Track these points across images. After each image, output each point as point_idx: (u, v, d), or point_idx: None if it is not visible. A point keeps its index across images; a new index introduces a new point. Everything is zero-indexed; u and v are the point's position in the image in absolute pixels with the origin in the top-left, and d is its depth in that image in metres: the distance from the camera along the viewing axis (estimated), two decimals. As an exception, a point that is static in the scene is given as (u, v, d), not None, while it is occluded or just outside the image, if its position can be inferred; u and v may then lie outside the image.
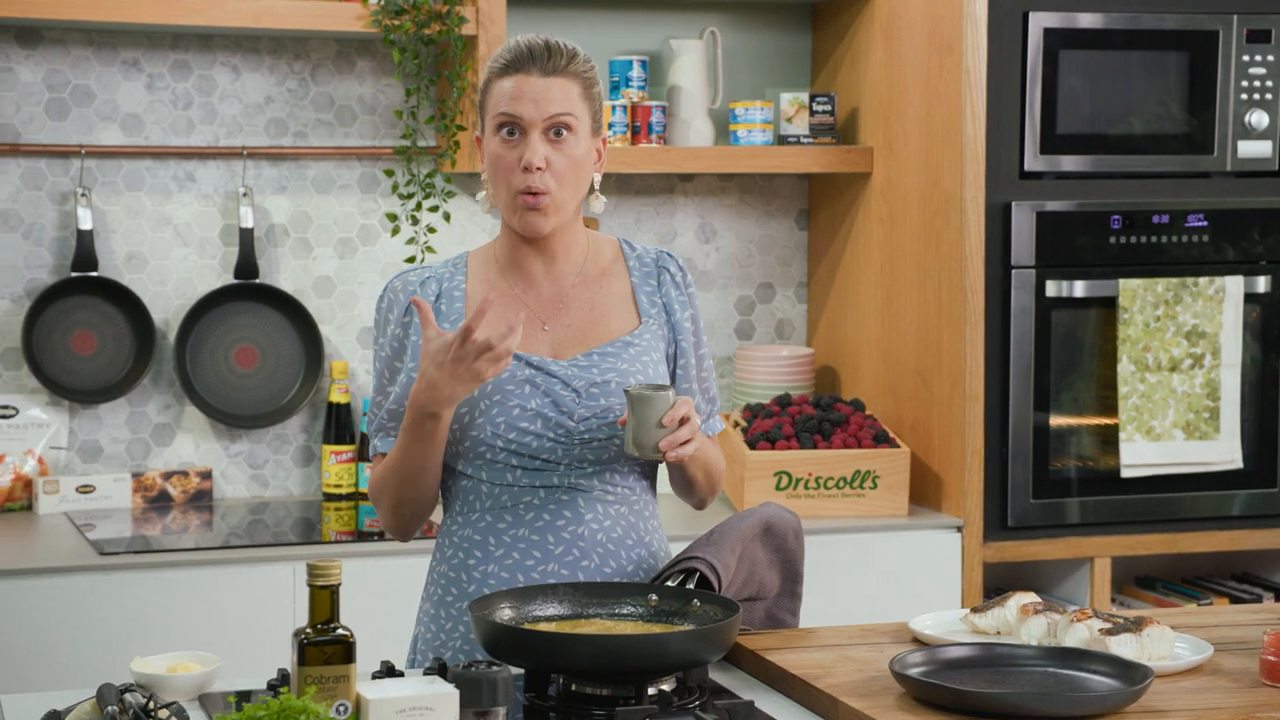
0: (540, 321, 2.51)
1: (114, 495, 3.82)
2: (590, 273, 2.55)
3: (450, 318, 2.50)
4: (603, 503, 2.47)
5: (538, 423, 2.43)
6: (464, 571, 2.48)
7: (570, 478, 2.46)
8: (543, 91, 2.43)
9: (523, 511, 2.46)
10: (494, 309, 2.39)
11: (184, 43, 3.90)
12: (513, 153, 2.43)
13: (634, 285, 2.56)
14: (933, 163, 3.84)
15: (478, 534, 2.48)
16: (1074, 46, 3.79)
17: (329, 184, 4.01)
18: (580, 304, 2.53)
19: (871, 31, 4.07)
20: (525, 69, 2.44)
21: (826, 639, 2.42)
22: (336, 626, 1.84)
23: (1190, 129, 3.89)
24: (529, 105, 2.42)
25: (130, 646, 3.16)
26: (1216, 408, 3.86)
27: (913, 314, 3.93)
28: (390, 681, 1.86)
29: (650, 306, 2.55)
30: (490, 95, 2.47)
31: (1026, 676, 2.18)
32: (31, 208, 3.83)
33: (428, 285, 2.52)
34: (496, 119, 2.44)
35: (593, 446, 2.46)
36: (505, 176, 2.43)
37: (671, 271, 2.58)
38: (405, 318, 2.50)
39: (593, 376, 2.46)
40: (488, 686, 1.86)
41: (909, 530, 3.78)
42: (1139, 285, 3.81)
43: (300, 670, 1.80)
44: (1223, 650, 2.34)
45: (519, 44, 2.47)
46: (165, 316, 3.91)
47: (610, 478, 2.48)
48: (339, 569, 1.84)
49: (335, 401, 3.96)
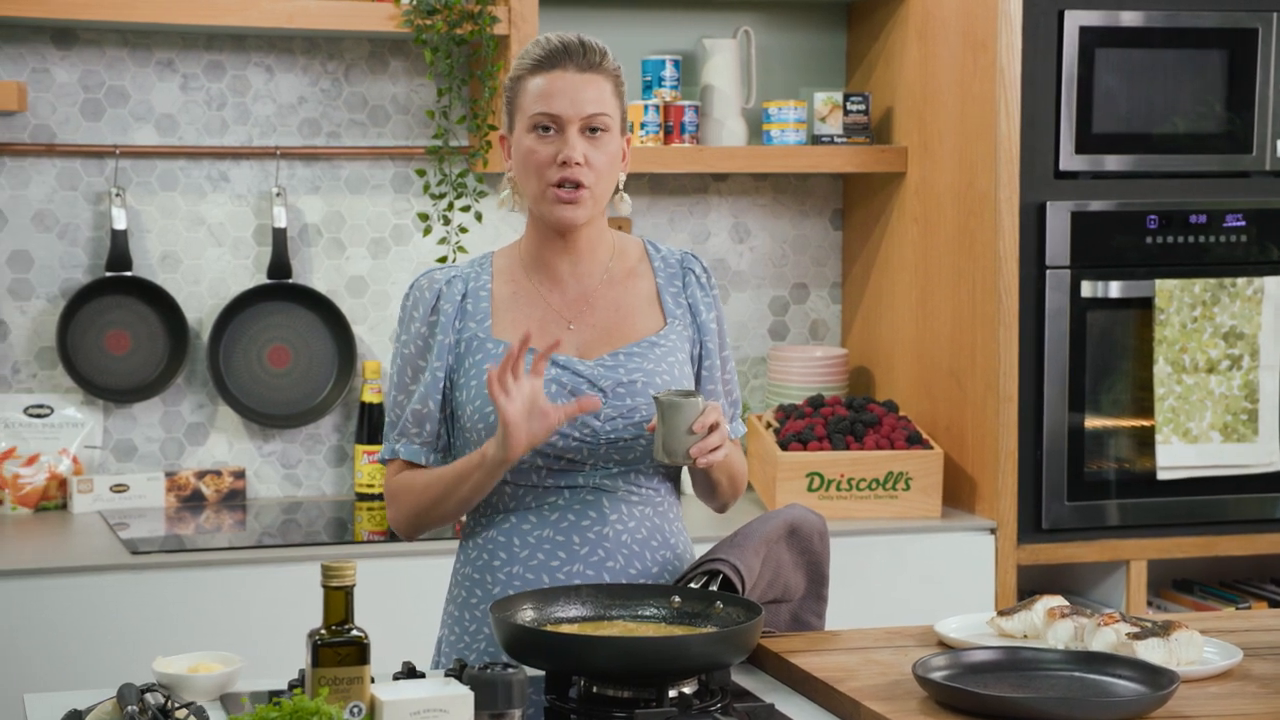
0: (565, 321, 2.51)
1: (148, 494, 3.83)
2: (616, 273, 2.54)
3: (476, 317, 2.50)
4: (627, 503, 2.47)
5: (564, 423, 2.42)
6: (489, 573, 2.48)
7: (595, 478, 2.46)
8: (580, 89, 2.43)
9: (548, 512, 2.46)
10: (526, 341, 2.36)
11: (218, 43, 3.91)
12: (548, 148, 2.42)
13: (659, 286, 2.56)
14: (967, 162, 3.82)
15: (502, 535, 2.48)
16: (1110, 45, 3.76)
17: (362, 184, 4.02)
18: (606, 304, 2.52)
19: (906, 31, 4.04)
20: (561, 65, 2.44)
21: (851, 642, 2.41)
22: (351, 628, 1.84)
23: (1229, 128, 3.85)
24: (566, 103, 2.42)
25: (160, 646, 3.16)
26: (1255, 410, 3.82)
27: (947, 314, 3.91)
28: (405, 683, 1.85)
29: (675, 307, 2.55)
30: (523, 93, 2.46)
31: (1051, 681, 2.16)
32: (67, 208, 3.85)
33: (454, 284, 2.52)
34: (533, 118, 2.43)
35: (618, 447, 2.45)
36: (540, 171, 2.43)
37: (696, 272, 2.58)
38: (431, 316, 2.50)
39: (619, 377, 2.46)
40: (503, 689, 1.85)
41: (942, 532, 3.76)
42: (1176, 286, 3.77)
43: (314, 671, 1.80)
44: (1253, 655, 2.31)
45: (551, 41, 2.47)
46: (199, 316, 3.93)
47: (635, 478, 2.48)
48: (353, 570, 1.84)
49: (368, 401, 3.97)
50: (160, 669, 2.19)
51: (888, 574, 3.70)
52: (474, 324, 2.49)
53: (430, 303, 2.51)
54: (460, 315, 2.49)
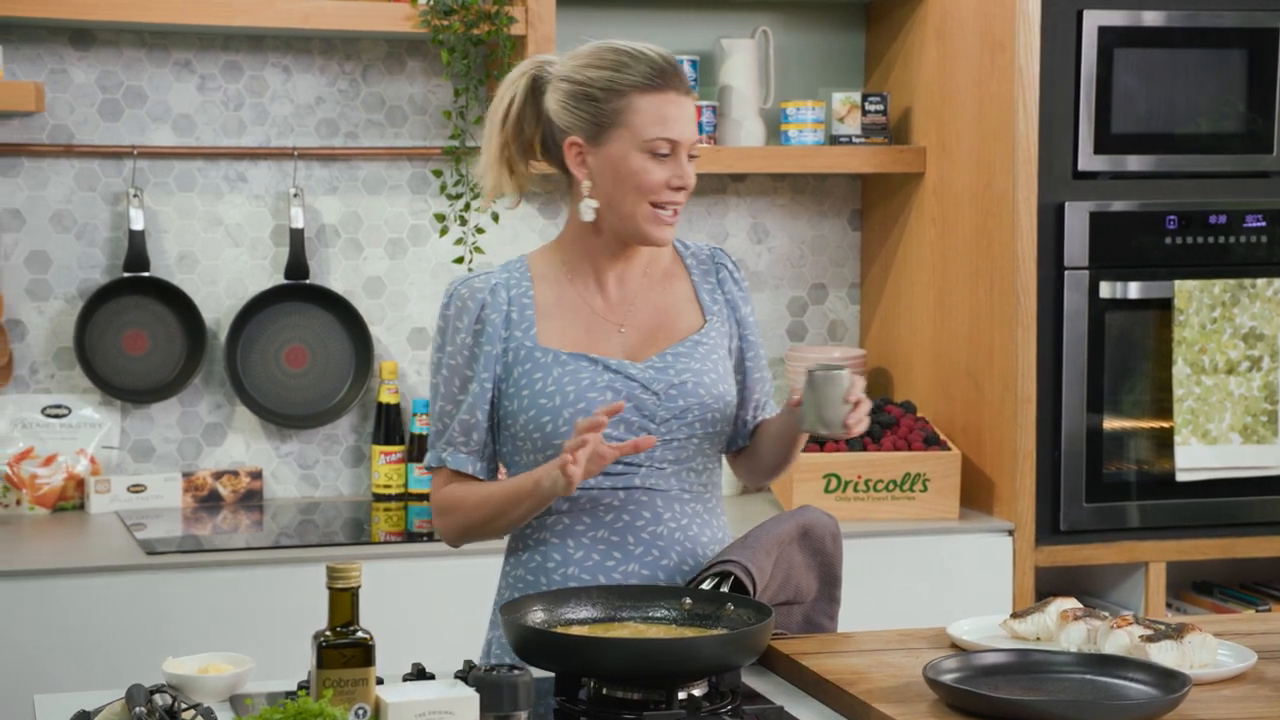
0: (615, 325, 2.53)
1: (165, 495, 3.84)
2: (654, 274, 2.58)
3: (521, 325, 2.50)
4: (680, 501, 2.50)
5: (620, 427, 2.45)
6: (543, 574, 2.49)
7: (650, 478, 2.48)
8: (688, 112, 2.46)
9: (602, 513, 2.48)
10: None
11: (235, 44, 3.92)
12: (663, 171, 2.43)
13: (694, 284, 2.59)
14: (985, 162, 3.80)
15: (555, 536, 2.49)
16: (1129, 45, 3.74)
17: (379, 184, 4.02)
18: (647, 306, 2.55)
19: (924, 30, 4.03)
20: (672, 86, 2.44)
21: (863, 644, 2.40)
22: (356, 629, 1.84)
23: (1249, 128, 3.83)
24: (684, 127, 2.45)
25: (174, 647, 3.17)
26: (1275, 411, 3.80)
27: (964, 315, 3.89)
28: (411, 685, 1.85)
29: (713, 304, 2.59)
30: (632, 110, 2.43)
31: (1063, 684, 2.15)
32: (84, 208, 3.85)
33: (497, 292, 2.51)
34: (652, 141, 2.42)
35: (672, 447, 2.48)
36: (651, 191, 2.44)
37: (729, 268, 2.62)
38: (476, 325, 2.50)
39: (670, 378, 2.48)
40: (509, 690, 1.84)
41: (960, 534, 3.74)
42: (1195, 286, 3.75)
43: (319, 673, 1.79)
44: (1268, 658, 2.30)
45: (648, 56, 2.45)
46: (216, 317, 3.93)
47: (686, 476, 2.51)
48: (358, 571, 1.83)
49: (385, 402, 3.97)
50: (170, 670, 2.19)
51: (905, 576, 3.68)
52: (519, 332, 2.49)
53: (475, 312, 2.50)
54: (506, 324, 2.50)
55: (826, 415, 2.39)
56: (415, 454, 3.97)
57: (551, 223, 4.11)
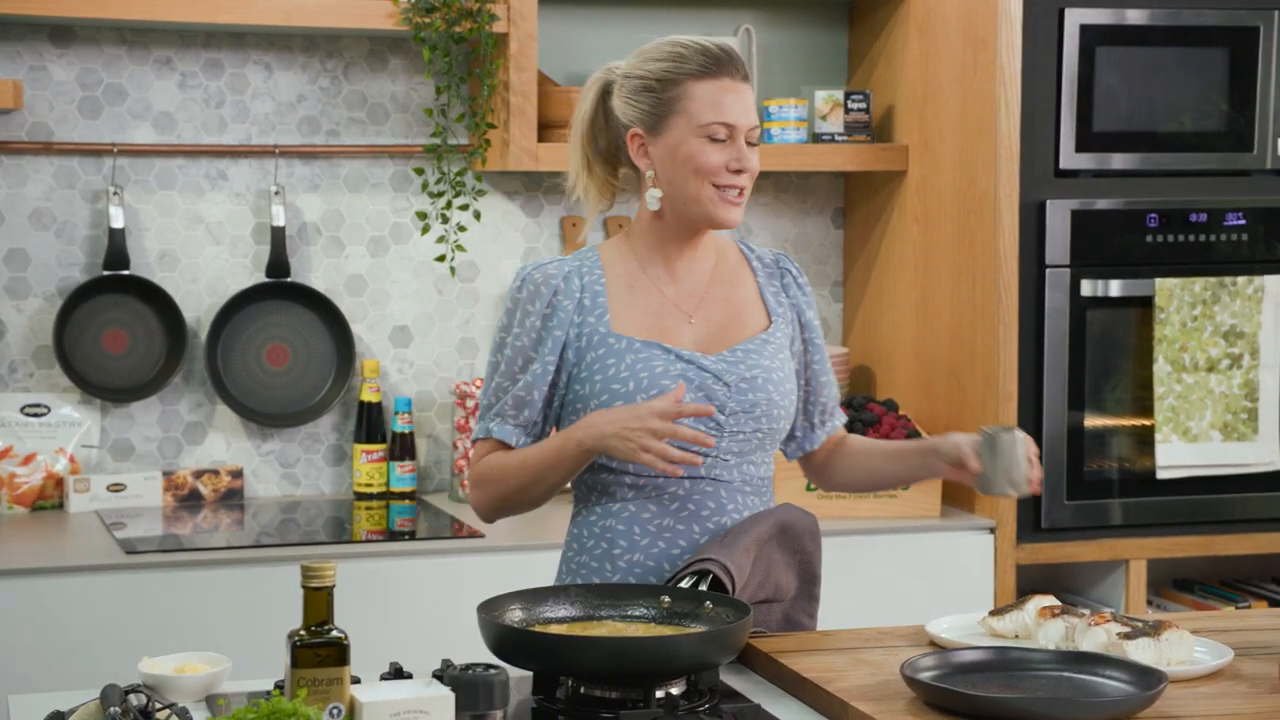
0: (685, 315, 2.58)
1: (145, 494, 3.83)
2: (722, 271, 2.63)
3: (594, 312, 2.55)
4: (742, 494, 2.55)
5: (691, 418, 2.48)
6: (608, 561, 2.54)
7: (716, 469, 2.54)
8: (745, 98, 2.52)
9: (668, 501, 2.52)
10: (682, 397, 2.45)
11: (216, 41, 3.91)
12: (721, 154, 2.49)
13: (760, 285, 2.65)
14: (967, 160, 3.80)
15: (621, 524, 2.53)
16: (1111, 43, 3.74)
17: (361, 182, 4.01)
18: (717, 301, 2.61)
19: (907, 28, 4.03)
20: (727, 73, 2.51)
21: (842, 642, 2.40)
22: (331, 628, 1.83)
23: (1230, 126, 3.83)
24: (740, 113, 2.51)
25: (154, 646, 3.15)
26: (1255, 409, 3.81)
27: (947, 313, 3.90)
28: (386, 684, 1.84)
29: (777, 306, 2.64)
30: (687, 97, 2.50)
31: (1040, 681, 2.15)
32: (64, 206, 3.84)
33: (570, 279, 2.56)
34: (709, 126, 2.48)
35: (738, 439, 2.54)
36: (712, 175, 2.50)
37: (794, 273, 2.68)
38: (546, 309, 2.54)
39: (741, 372, 2.54)
40: (484, 689, 1.84)
41: (941, 531, 3.74)
42: (1176, 284, 3.76)
43: (293, 672, 1.79)
44: (1244, 655, 2.30)
45: (708, 46, 2.53)
46: (197, 315, 3.92)
47: (747, 470, 2.57)
48: (333, 570, 1.83)
49: (366, 400, 3.96)
50: (146, 670, 2.18)
51: (887, 573, 3.68)
52: (592, 319, 2.54)
53: (547, 296, 2.55)
54: (579, 310, 2.54)
55: (1015, 477, 2.47)
56: (396, 452, 3.97)
57: (534, 221, 4.11)
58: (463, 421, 3.94)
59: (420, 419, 4.06)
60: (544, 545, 3.55)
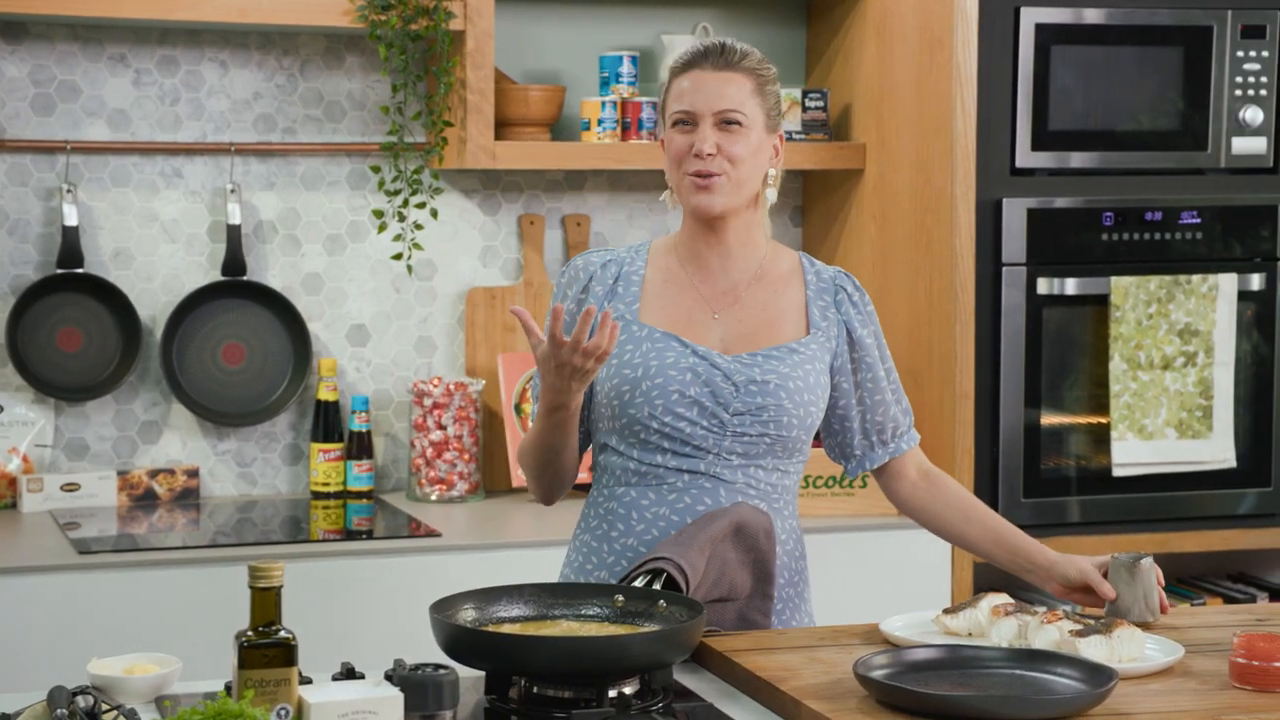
0: (711, 311, 2.60)
1: (99, 493, 3.80)
2: (767, 275, 2.64)
3: (625, 299, 2.60)
4: (744, 495, 2.56)
5: (693, 410, 2.53)
6: (606, 542, 2.58)
7: (716, 467, 2.55)
8: (715, 86, 2.55)
9: (666, 492, 2.55)
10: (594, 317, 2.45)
11: (171, 38, 3.88)
12: (686, 140, 2.55)
13: (809, 298, 2.64)
14: (924, 159, 3.81)
15: (622, 507, 2.57)
16: (1066, 42, 3.76)
17: (318, 180, 3.99)
18: (753, 303, 2.62)
19: (864, 26, 4.04)
20: (699, 65, 2.57)
21: (796, 640, 2.39)
22: (279, 629, 1.82)
23: (1184, 125, 3.85)
24: (700, 99, 2.55)
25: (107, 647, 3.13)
26: (1210, 406, 3.82)
27: (905, 312, 3.90)
28: (335, 685, 1.83)
29: (821, 320, 2.63)
30: (669, 94, 2.60)
31: (992, 679, 2.15)
32: (17, 204, 3.82)
33: (608, 267, 2.64)
34: (673, 114, 2.57)
35: (742, 440, 2.55)
36: (678, 162, 2.56)
37: (849, 290, 2.67)
38: (582, 294, 2.62)
39: (753, 375, 2.55)
40: (434, 690, 1.83)
41: (899, 530, 3.74)
42: (1131, 283, 3.77)
43: (240, 673, 1.77)
44: (1195, 652, 2.31)
45: (697, 44, 2.61)
46: (152, 313, 3.90)
47: (754, 474, 2.57)
48: (281, 570, 1.82)
49: (323, 399, 3.94)
50: (95, 671, 2.16)
51: (844, 572, 3.68)
52: (622, 305, 2.60)
53: (583, 283, 2.63)
54: (610, 297, 2.61)
55: (1153, 603, 2.49)
56: (354, 451, 3.95)
57: (491, 219, 4.10)
58: (420, 420, 3.92)
59: (378, 418, 4.05)
60: (501, 544, 3.55)
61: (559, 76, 4.10)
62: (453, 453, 3.91)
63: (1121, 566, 2.50)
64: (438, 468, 3.91)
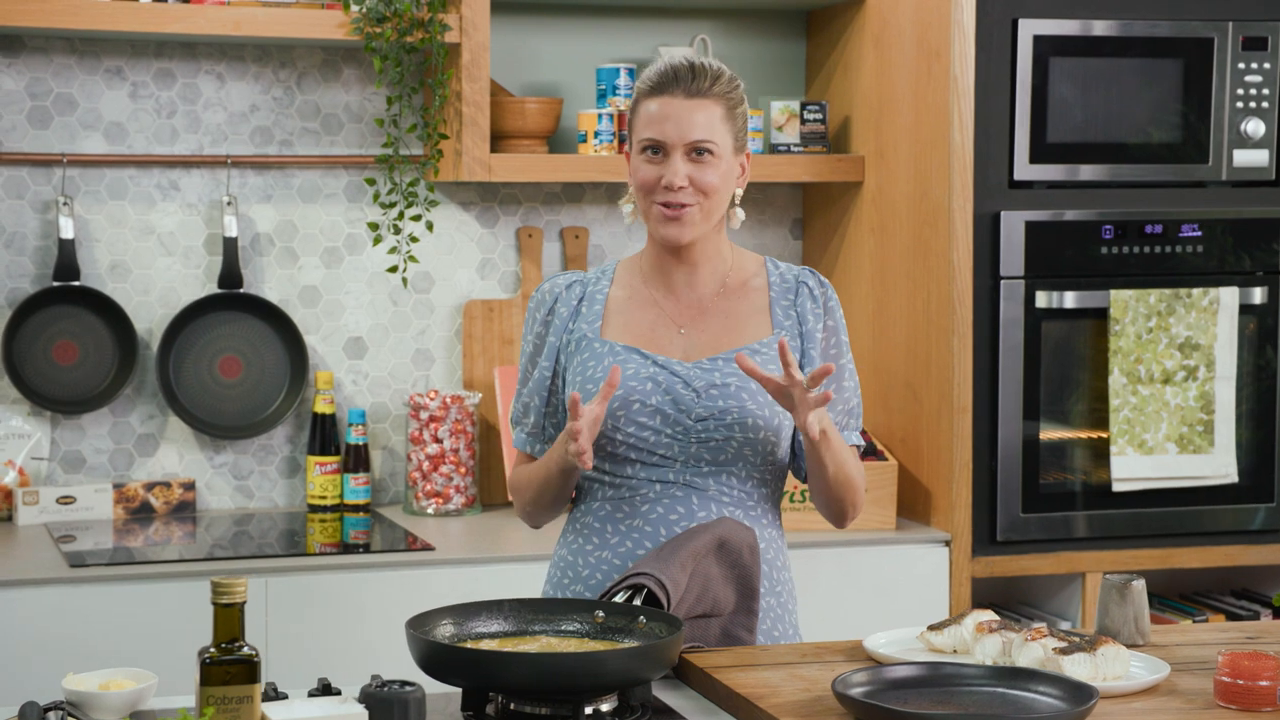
0: (676, 326, 2.60)
1: (95, 506, 3.79)
2: (731, 285, 2.63)
3: (589, 319, 2.61)
4: (718, 503, 2.54)
5: (656, 419, 2.52)
6: (581, 556, 2.57)
7: (686, 475, 2.54)
8: (686, 114, 2.52)
9: (639, 504, 2.55)
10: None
11: (168, 51, 3.88)
12: (655, 170, 2.53)
13: (771, 299, 2.63)
14: (922, 172, 3.79)
15: (597, 522, 2.57)
16: (1065, 54, 3.73)
17: (315, 193, 3.99)
18: (718, 314, 2.61)
19: (863, 39, 4.02)
20: (670, 90, 2.53)
21: (779, 657, 2.37)
22: (241, 645, 1.80)
23: (1185, 137, 3.82)
24: (671, 128, 2.52)
25: (97, 661, 3.12)
26: (1211, 421, 3.79)
27: (903, 325, 3.88)
28: (299, 702, 1.82)
29: (784, 319, 2.61)
30: (637, 115, 2.57)
31: (973, 697, 2.12)
32: (13, 216, 3.81)
33: (572, 288, 2.65)
34: (641, 141, 2.54)
35: (709, 446, 2.53)
36: (648, 192, 2.55)
37: (810, 286, 2.64)
38: (548, 317, 2.63)
39: (713, 379, 2.54)
40: (399, 707, 1.81)
41: (896, 544, 3.72)
42: (1131, 296, 3.74)
43: (202, 690, 1.76)
44: (1182, 670, 2.28)
45: (666, 65, 2.57)
46: (148, 326, 3.89)
47: (728, 480, 2.55)
48: (244, 586, 1.80)
49: (320, 412, 3.93)
50: (70, 686, 2.15)
51: (841, 587, 3.66)
52: (585, 325, 2.61)
53: (549, 305, 2.64)
54: (574, 317, 2.62)
55: (1143, 626, 2.45)
56: (350, 465, 3.94)
57: (489, 231, 4.09)
58: (417, 434, 3.91)
59: (375, 431, 4.03)
60: (497, 558, 3.53)
61: (556, 89, 4.09)
62: (449, 466, 3.90)
63: (1112, 588, 2.47)
64: (434, 481, 3.89)
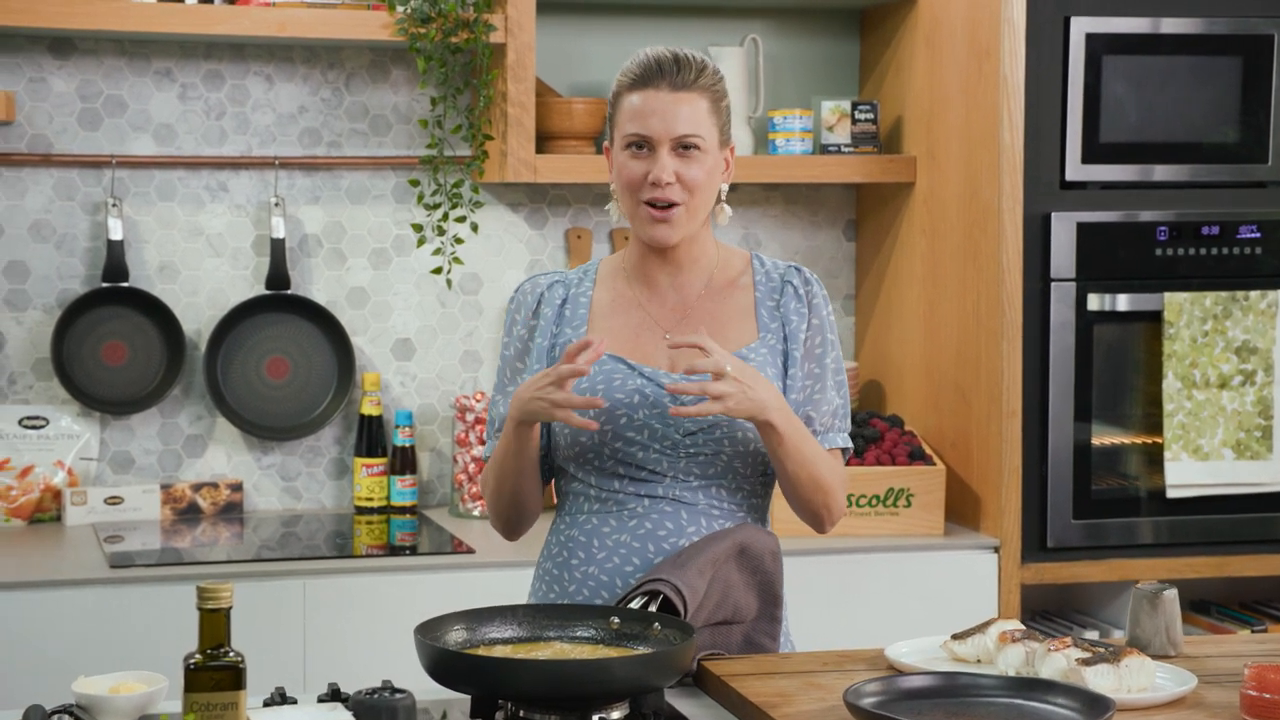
0: (661, 330, 2.53)
1: (143, 507, 3.81)
2: (717, 284, 2.56)
3: (574, 323, 2.54)
4: (707, 517, 2.47)
5: (644, 434, 2.45)
6: (567, 570, 2.50)
7: (675, 489, 2.47)
8: (671, 108, 2.44)
9: (626, 518, 2.48)
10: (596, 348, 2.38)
11: (217, 52, 3.89)
12: (641, 167, 2.45)
13: (757, 299, 2.56)
14: (972, 172, 3.73)
15: (583, 535, 2.50)
16: (1118, 52, 3.67)
17: (363, 194, 3.98)
18: (703, 316, 2.53)
19: (915, 38, 3.96)
20: (654, 84, 2.46)
21: (799, 665, 2.33)
22: (227, 651, 1.79)
23: (1243, 137, 3.74)
24: (657, 122, 2.44)
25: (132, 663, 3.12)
26: (1269, 426, 3.71)
27: (953, 327, 3.82)
28: (287, 709, 1.80)
29: (770, 321, 2.54)
30: (619, 110, 2.48)
31: (987, 708, 2.08)
32: (63, 218, 3.84)
33: (555, 289, 2.56)
34: (625, 136, 2.46)
35: (698, 461, 2.47)
36: (633, 190, 2.46)
37: (795, 284, 2.56)
38: (531, 320, 2.55)
39: None
40: (387, 714, 1.79)
41: (944, 550, 3.67)
42: (1186, 299, 3.67)
43: (187, 696, 1.75)
44: (1210, 682, 2.22)
45: (648, 57, 2.49)
46: (197, 327, 3.90)
47: (717, 493, 2.49)
48: (230, 591, 1.78)
49: (367, 414, 3.93)
50: (79, 689, 2.14)
51: (889, 593, 3.61)
52: (570, 329, 2.54)
53: (532, 306, 2.56)
54: (559, 320, 2.54)
55: (1175, 635, 2.40)
56: (397, 466, 3.94)
57: (538, 233, 4.07)
58: (463, 435, 3.90)
59: (422, 433, 4.03)
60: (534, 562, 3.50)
61: (604, 89, 4.06)
62: (495, 468, 3.88)
63: (1143, 597, 2.41)
64: (480, 483, 3.88)
